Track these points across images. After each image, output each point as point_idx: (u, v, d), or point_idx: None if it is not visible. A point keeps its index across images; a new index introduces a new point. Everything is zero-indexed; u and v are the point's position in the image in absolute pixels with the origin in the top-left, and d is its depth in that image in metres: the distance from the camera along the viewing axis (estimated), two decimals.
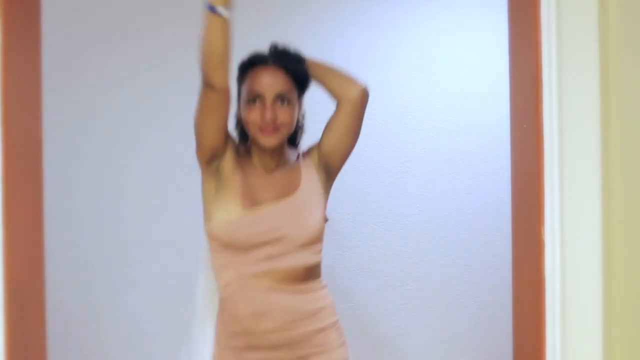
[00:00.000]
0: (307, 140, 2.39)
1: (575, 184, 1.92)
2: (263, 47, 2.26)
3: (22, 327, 2.08)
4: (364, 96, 2.26)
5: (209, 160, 2.18)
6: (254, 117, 2.19)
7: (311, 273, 2.26)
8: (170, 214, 3.40)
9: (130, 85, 3.39)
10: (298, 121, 2.30)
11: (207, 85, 2.05)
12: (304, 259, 2.22)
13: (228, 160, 2.21)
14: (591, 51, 1.91)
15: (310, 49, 2.31)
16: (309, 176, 2.29)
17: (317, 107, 2.35)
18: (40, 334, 2.22)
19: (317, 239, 2.24)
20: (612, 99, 1.86)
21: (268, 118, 2.17)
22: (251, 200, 2.20)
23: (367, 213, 3.46)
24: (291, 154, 2.35)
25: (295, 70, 2.22)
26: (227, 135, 2.20)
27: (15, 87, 2.05)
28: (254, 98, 2.20)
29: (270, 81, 2.19)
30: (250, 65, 2.23)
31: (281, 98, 2.19)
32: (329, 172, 2.33)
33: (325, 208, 2.30)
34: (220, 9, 1.95)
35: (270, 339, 2.20)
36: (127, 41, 3.39)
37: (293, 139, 2.35)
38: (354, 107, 2.25)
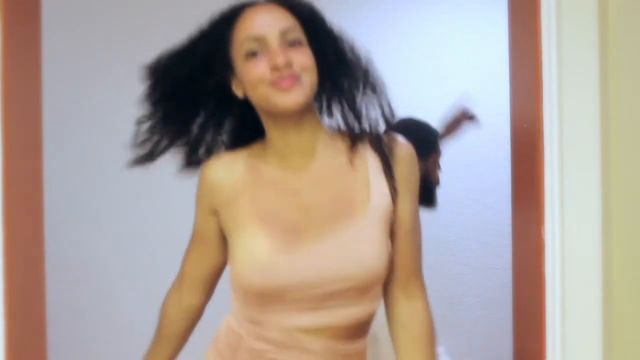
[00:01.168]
0: None
1: (575, 184, 1.92)
2: None
3: (22, 327, 2.08)
4: None
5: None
6: (260, 70, 1.53)
7: (364, 328, 1.65)
8: (170, 214, 3.40)
9: (130, 85, 3.39)
10: (343, 92, 1.68)
11: None
12: (363, 308, 1.59)
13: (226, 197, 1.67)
14: (591, 51, 1.91)
15: None
16: (379, 184, 1.61)
17: None
18: (40, 334, 2.22)
19: (379, 280, 1.60)
20: (612, 99, 1.86)
21: (280, 62, 1.50)
22: (283, 230, 1.54)
23: None
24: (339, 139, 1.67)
25: (297, 4, 1.62)
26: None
27: (15, 87, 2.05)
28: (252, 49, 1.55)
29: (269, 18, 1.56)
30: (237, 13, 1.60)
31: (289, 39, 1.55)
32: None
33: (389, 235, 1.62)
34: None
35: None
36: (127, 41, 3.39)
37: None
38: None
